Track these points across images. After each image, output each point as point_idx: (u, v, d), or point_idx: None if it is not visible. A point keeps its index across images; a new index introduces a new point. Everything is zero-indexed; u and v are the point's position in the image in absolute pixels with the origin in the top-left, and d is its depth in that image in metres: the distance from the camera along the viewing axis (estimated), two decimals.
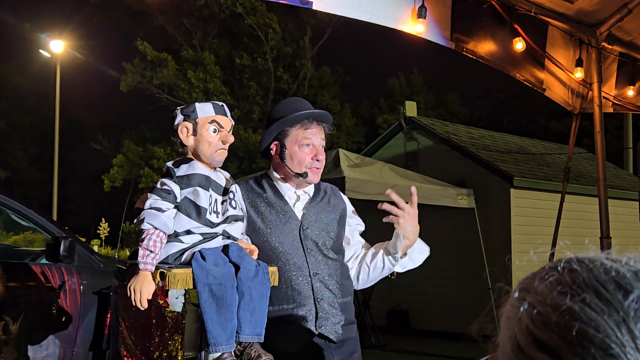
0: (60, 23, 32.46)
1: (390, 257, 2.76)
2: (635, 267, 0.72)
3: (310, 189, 2.79)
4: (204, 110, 2.46)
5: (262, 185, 2.74)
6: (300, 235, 2.66)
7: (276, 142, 2.69)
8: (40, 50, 28.36)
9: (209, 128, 2.44)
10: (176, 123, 2.46)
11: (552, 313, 0.70)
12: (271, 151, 2.71)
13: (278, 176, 2.74)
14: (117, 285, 2.65)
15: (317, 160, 2.67)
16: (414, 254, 2.77)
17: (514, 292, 0.78)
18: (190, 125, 2.44)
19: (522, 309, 0.73)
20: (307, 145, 2.65)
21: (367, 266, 2.82)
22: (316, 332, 2.58)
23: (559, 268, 0.75)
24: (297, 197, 2.73)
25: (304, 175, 2.65)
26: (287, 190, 2.73)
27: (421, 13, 4.35)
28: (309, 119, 2.66)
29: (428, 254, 2.81)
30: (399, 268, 2.81)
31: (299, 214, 2.70)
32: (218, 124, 2.46)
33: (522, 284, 0.78)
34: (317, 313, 2.61)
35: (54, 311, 5.16)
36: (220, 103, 2.54)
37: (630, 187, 12.89)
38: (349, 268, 2.83)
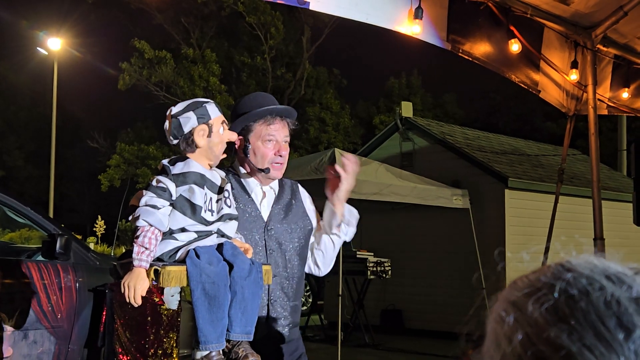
0: (58, 21, 32.34)
1: (333, 234, 2.84)
2: (637, 292, 0.68)
3: (275, 185, 2.82)
4: (214, 111, 2.47)
5: (229, 180, 2.73)
6: (264, 235, 2.69)
7: (240, 137, 2.69)
8: (38, 48, 28.29)
9: (220, 128, 2.47)
10: (190, 126, 2.43)
11: (549, 353, 0.66)
12: (235, 145, 2.71)
13: (244, 171, 2.76)
14: (112, 283, 2.66)
15: (280, 155, 2.69)
16: (349, 218, 2.85)
17: (502, 304, 0.74)
18: (206, 128, 2.44)
19: (516, 336, 0.69)
20: (269, 140, 2.67)
21: (320, 251, 2.88)
22: (264, 332, 2.61)
23: (555, 292, 0.70)
24: (263, 194, 2.76)
25: (265, 170, 2.68)
26: (254, 186, 2.75)
27: (418, 14, 4.37)
28: (272, 115, 2.68)
29: (358, 215, 2.89)
30: (346, 237, 2.89)
31: (265, 214, 2.73)
32: (226, 123, 2.50)
33: (512, 296, 0.73)
34: (268, 314, 2.66)
35: (50, 308, 5.17)
36: (212, 101, 2.55)
37: (624, 188, 12.92)
38: (303, 272, 2.88)
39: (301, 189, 2.94)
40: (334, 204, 2.77)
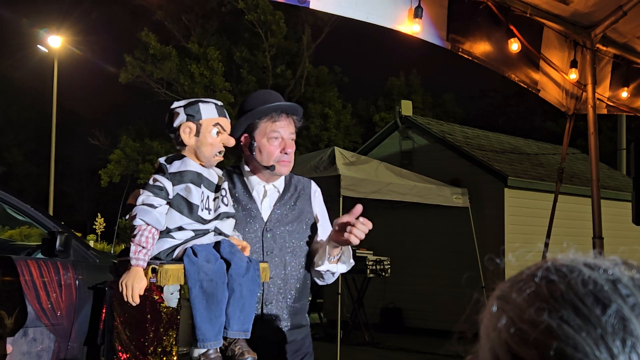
0: (58, 18, 32.39)
1: (324, 267, 2.70)
2: (613, 275, 0.71)
3: (280, 184, 2.77)
4: (208, 111, 2.43)
5: (232, 178, 2.73)
6: (262, 236, 2.66)
7: (245, 135, 2.67)
8: (38, 46, 28.30)
9: (212, 130, 2.42)
10: (178, 122, 2.43)
11: (530, 330, 0.69)
12: (241, 143, 2.69)
13: (248, 169, 2.74)
14: (112, 281, 2.66)
15: (286, 153, 2.65)
16: (346, 259, 2.73)
17: (491, 300, 0.77)
18: (194, 126, 2.41)
19: (500, 323, 0.72)
20: (275, 138, 2.63)
21: (314, 270, 2.78)
22: (259, 333, 2.54)
23: (536, 279, 0.73)
24: (265, 192, 2.72)
25: (271, 168, 2.64)
26: (256, 184, 2.72)
27: (417, 13, 4.38)
28: (277, 112, 2.64)
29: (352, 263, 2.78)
30: (334, 274, 2.77)
31: (265, 213, 2.69)
32: (221, 126, 2.44)
33: (499, 290, 0.77)
34: (262, 315, 2.62)
35: (49, 306, 5.18)
36: (220, 103, 2.51)
37: (624, 187, 12.93)
38: (309, 273, 2.80)
39: (314, 189, 2.86)
40: (337, 242, 2.60)
